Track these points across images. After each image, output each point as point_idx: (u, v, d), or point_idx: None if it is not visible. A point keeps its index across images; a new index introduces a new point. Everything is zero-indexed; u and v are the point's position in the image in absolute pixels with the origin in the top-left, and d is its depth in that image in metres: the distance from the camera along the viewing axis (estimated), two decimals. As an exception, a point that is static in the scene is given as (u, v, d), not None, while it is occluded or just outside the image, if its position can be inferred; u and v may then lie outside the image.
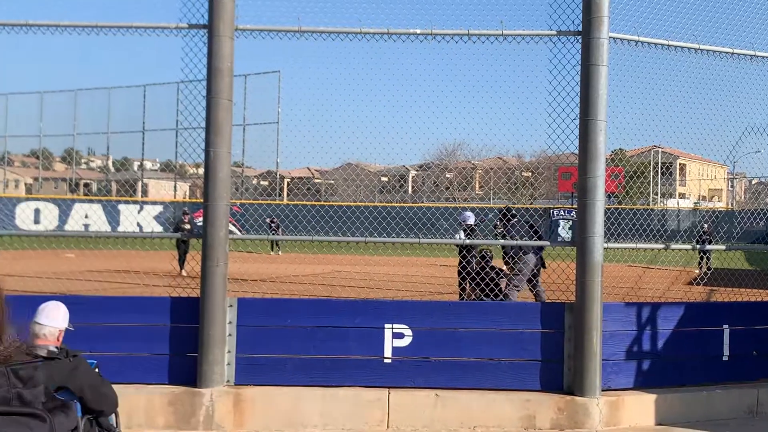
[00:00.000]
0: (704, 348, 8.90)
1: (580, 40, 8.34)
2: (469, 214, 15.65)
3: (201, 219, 8.49)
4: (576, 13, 8.35)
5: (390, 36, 8.49)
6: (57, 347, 5.12)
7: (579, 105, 8.32)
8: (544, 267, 13.12)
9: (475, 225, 15.61)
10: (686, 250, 10.36)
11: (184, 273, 20.47)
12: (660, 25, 8.86)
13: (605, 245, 8.28)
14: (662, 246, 9.67)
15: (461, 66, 9.15)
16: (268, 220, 37.83)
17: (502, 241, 12.03)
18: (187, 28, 8.32)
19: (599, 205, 8.14)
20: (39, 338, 5.07)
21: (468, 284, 13.88)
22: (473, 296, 11.84)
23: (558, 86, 8.49)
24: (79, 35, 8.45)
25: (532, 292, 13.41)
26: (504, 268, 13.36)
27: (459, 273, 14.90)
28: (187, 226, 23.72)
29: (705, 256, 24.84)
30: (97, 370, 5.53)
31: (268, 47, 8.48)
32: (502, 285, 12.58)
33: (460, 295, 14.93)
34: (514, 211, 13.65)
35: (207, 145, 8.10)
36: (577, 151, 8.42)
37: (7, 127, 55.45)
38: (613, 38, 8.36)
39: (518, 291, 13.21)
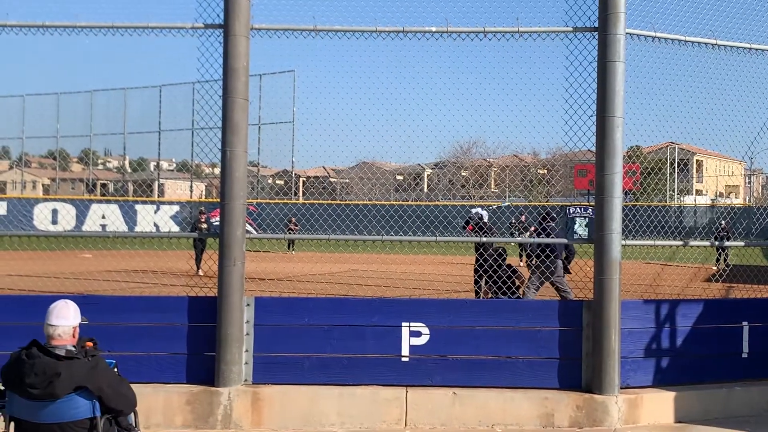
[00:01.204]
0: (723, 345, 8.85)
1: (597, 37, 8.30)
2: (483, 212, 15.62)
3: (217, 218, 8.51)
4: (592, 10, 8.32)
5: (405, 34, 8.47)
6: (74, 345, 5.14)
7: (596, 102, 8.29)
8: (568, 272, 13.11)
9: (485, 223, 15.56)
10: (705, 246, 10.29)
11: (200, 273, 20.57)
12: (677, 21, 8.81)
13: (623, 242, 8.24)
14: (680, 243, 9.62)
15: (477, 63, 9.14)
16: (287, 222, 37.98)
17: (519, 238, 12.01)
18: (203, 28, 8.33)
19: (617, 202, 8.11)
20: (54, 339, 5.08)
21: (484, 282, 13.87)
22: (489, 294, 11.81)
23: (574, 83, 8.46)
24: (96, 36, 8.46)
25: (559, 294, 13.37)
26: (521, 264, 13.35)
27: (476, 271, 14.88)
28: (204, 226, 23.77)
29: (723, 253, 24.73)
30: (115, 369, 5.56)
31: (283, 46, 8.47)
32: (518, 283, 12.56)
33: (476, 292, 14.90)
34: (554, 214, 13.66)
35: (223, 144, 8.12)
36: (593, 148, 8.39)
37: (24, 128, 55.76)
38: (630, 34, 8.31)
39: (536, 291, 13.20)
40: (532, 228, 25.96)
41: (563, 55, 8.50)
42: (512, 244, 26.79)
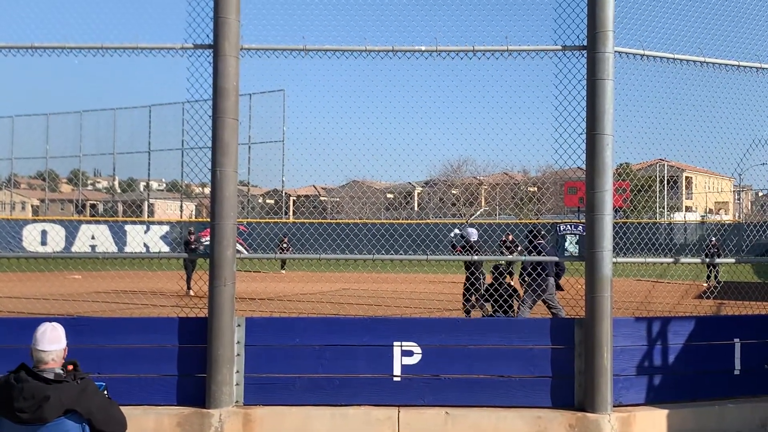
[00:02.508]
0: (715, 362, 8.84)
1: (586, 55, 8.33)
2: (473, 230, 15.62)
3: (208, 238, 8.48)
4: (581, 28, 8.36)
5: (395, 53, 8.50)
6: (62, 367, 5.09)
7: (585, 119, 8.31)
8: (560, 289, 13.10)
9: (475, 242, 15.53)
10: (695, 263, 10.30)
11: (191, 293, 20.51)
12: (665, 39, 8.86)
13: (614, 260, 8.24)
14: (671, 260, 9.63)
15: (466, 82, 9.15)
16: (280, 241, 37.90)
17: (510, 257, 12.02)
18: (193, 48, 8.34)
19: (607, 219, 8.11)
20: (47, 363, 5.04)
21: (476, 300, 13.85)
22: (488, 310, 11.80)
23: (564, 101, 8.49)
24: (85, 57, 8.46)
25: (550, 311, 13.36)
26: (516, 285, 13.30)
27: (467, 290, 14.84)
28: (193, 246, 23.79)
29: (714, 270, 24.78)
30: (105, 392, 5.51)
31: (272, 66, 8.48)
32: (515, 305, 12.56)
33: (467, 311, 14.85)
34: (543, 232, 13.63)
35: (213, 164, 8.10)
36: (583, 166, 8.40)
37: (13, 149, 55.68)
38: (619, 52, 8.35)
39: (530, 309, 13.18)
40: (520, 248, 25.96)
41: (552, 74, 8.54)
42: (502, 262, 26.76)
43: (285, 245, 37.75)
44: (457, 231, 15.65)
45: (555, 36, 8.47)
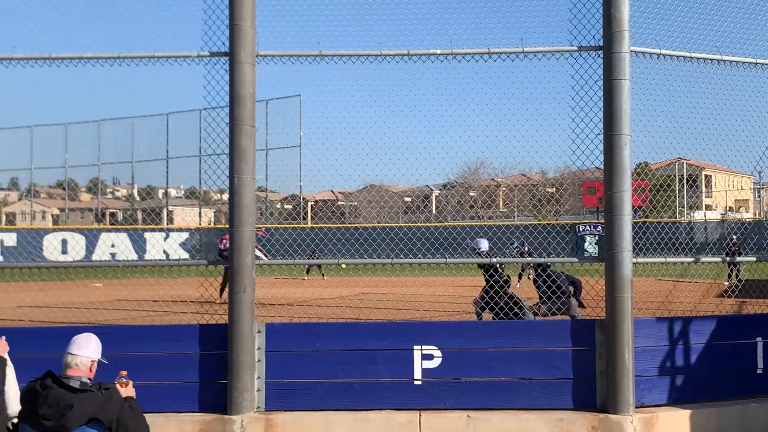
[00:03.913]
0: (738, 361, 8.78)
1: (602, 55, 8.31)
2: (483, 241, 15.48)
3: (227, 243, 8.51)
4: (597, 29, 8.33)
5: (410, 57, 8.50)
6: (90, 378, 5.13)
7: (603, 120, 8.28)
8: (582, 306, 13.01)
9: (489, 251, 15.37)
10: (716, 262, 10.22)
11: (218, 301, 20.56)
12: (682, 38, 8.82)
13: (634, 260, 8.20)
14: (692, 259, 9.57)
15: (482, 84, 9.15)
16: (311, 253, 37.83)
17: (530, 259, 11.97)
18: (209, 56, 8.37)
19: (627, 219, 8.07)
20: (71, 368, 5.09)
21: (487, 305, 13.75)
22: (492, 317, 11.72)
23: (581, 101, 8.46)
24: (102, 67, 8.51)
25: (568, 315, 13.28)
26: (517, 285, 13.16)
27: (482, 297, 14.75)
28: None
29: (735, 268, 24.60)
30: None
31: (288, 72, 8.50)
32: (519, 313, 12.43)
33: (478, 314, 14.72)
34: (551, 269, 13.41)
35: (231, 171, 8.13)
36: (601, 166, 8.37)
37: (32, 159, 56.07)
38: (635, 52, 8.32)
39: (534, 317, 13.07)
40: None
41: (569, 74, 8.51)
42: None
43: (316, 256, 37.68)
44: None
45: (570, 37, 8.46)
